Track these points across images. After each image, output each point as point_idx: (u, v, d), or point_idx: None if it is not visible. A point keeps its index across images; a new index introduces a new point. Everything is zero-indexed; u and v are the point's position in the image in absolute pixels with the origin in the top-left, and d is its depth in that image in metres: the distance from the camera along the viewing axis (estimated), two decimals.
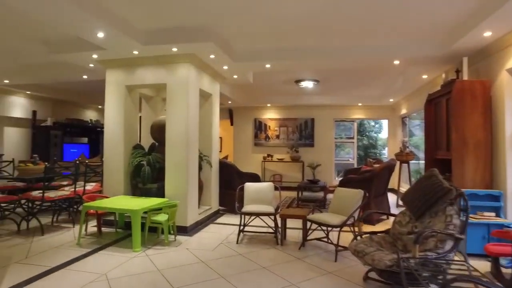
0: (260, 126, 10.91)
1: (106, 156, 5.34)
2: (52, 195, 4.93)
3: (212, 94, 6.02)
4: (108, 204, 4.31)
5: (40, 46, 5.12)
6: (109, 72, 5.38)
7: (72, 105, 10.49)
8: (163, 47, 4.63)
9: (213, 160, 6.00)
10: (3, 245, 4.29)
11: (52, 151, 9.17)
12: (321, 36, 4.80)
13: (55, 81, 7.36)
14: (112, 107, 5.33)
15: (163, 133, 5.14)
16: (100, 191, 5.72)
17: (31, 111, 9.06)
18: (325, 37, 4.84)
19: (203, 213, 5.56)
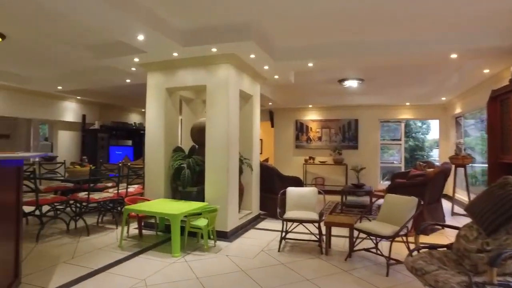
0: (301, 128, 10.61)
1: (147, 159, 5.37)
2: (97, 197, 5.03)
3: (252, 95, 5.87)
4: (148, 208, 4.29)
5: (87, 52, 5.28)
6: (150, 75, 5.41)
7: (117, 108, 10.88)
8: (203, 47, 4.55)
9: (254, 163, 5.83)
10: (54, 243, 4.43)
11: (99, 153, 9.53)
12: (368, 31, 4.46)
13: (102, 85, 7.62)
14: (153, 110, 5.35)
15: (203, 136, 5.06)
16: (141, 194, 5.78)
17: (81, 115, 9.50)
18: (372, 32, 4.49)
19: (244, 217, 5.41)
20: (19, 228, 3.10)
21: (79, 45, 5.08)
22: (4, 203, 2.65)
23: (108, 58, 5.10)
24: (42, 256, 3.94)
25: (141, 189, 5.92)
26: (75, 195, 5.11)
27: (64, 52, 5.45)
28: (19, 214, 3.11)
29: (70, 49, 5.28)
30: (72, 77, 7.01)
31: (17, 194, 3.07)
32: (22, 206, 4.72)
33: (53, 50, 5.36)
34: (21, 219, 3.19)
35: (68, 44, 5.06)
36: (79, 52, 5.38)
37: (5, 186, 2.63)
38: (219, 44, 4.42)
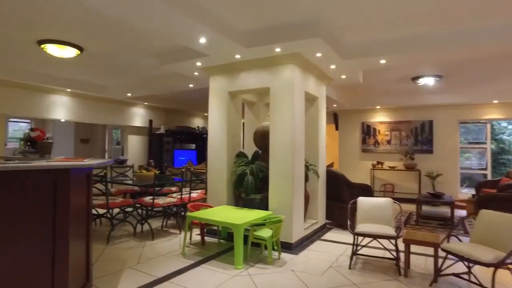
0: (368, 131, 9.92)
1: (210, 165, 5.29)
2: (161, 201, 5.06)
3: (318, 97, 5.50)
4: (211, 216, 4.16)
5: (152, 59, 5.39)
6: (212, 79, 5.34)
7: (182, 113, 11.21)
8: (266, 48, 4.32)
9: (320, 169, 5.46)
10: (122, 246, 4.52)
11: (164, 157, 9.86)
12: (449, 20, 3.86)
13: (167, 91, 7.83)
14: (216, 115, 5.26)
15: (266, 140, 4.84)
16: (204, 199, 5.73)
17: (148, 120, 9.93)
18: (456, 20, 3.88)
19: (309, 227, 5.06)
20: (89, 230, 3.14)
21: (146, 53, 5.20)
22: (76, 206, 2.68)
23: (172, 63, 5.13)
24: (111, 259, 4.02)
25: (204, 194, 5.89)
26: (141, 199, 5.21)
27: (133, 61, 5.65)
28: (89, 217, 3.15)
29: (138, 58, 5.45)
30: (140, 84, 7.30)
31: (87, 197, 3.11)
32: (93, 208, 4.97)
33: (123, 60, 5.58)
34: (91, 222, 3.24)
35: (136, 53, 5.21)
36: (146, 60, 5.52)
37: (76, 191, 2.66)
38: (284, 43, 4.15)
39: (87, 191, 3.13)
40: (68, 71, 6.46)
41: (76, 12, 3.73)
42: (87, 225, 3.13)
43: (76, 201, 2.72)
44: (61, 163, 2.37)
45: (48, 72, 6.57)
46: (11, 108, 6.86)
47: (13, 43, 4.79)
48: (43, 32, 4.39)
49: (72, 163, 2.44)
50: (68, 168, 2.40)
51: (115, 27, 4.17)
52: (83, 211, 3.03)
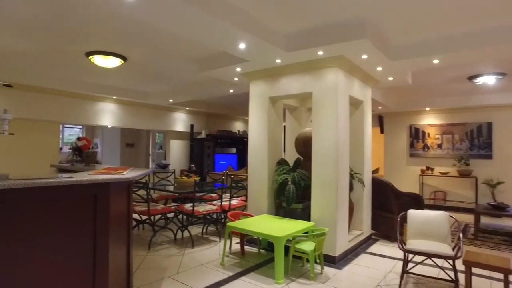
0: (416, 134, 9.31)
1: (250, 172, 5.17)
2: (201, 209, 5.03)
3: (363, 101, 5.19)
4: (250, 227, 4.03)
5: (193, 66, 5.39)
6: (253, 84, 5.23)
7: (222, 117, 11.26)
8: (308, 51, 4.12)
9: (366, 178, 5.14)
10: (162, 254, 4.54)
11: (205, 161, 9.94)
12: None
13: (207, 96, 7.87)
14: (256, 121, 5.14)
15: (309, 147, 4.63)
16: (244, 207, 5.63)
17: (189, 125, 10.07)
18: None
19: (354, 239, 4.77)
20: (129, 239, 3.14)
21: (186, 60, 5.22)
22: (116, 216, 2.68)
23: (212, 70, 5.10)
24: (151, 267, 4.02)
25: (244, 201, 5.79)
26: (181, 206, 5.22)
27: (173, 68, 5.71)
28: (129, 226, 3.15)
29: (178, 65, 5.48)
30: (181, 90, 7.39)
31: (127, 206, 3.11)
32: (136, 214, 5.06)
33: (164, 67, 5.65)
34: (131, 231, 3.24)
35: (176, 60, 5.25)
36: (186, 67, 5.54)
37: (116, 201, 2.67)
38: (327, 46, 3.93)
39: (127, 200, 3.13)
40: (114, 79, 6.69)
41: (120, 23, 3.79)
42: (127, 234, 3.14)
43: (116, 211, 2.71)
44: (100, 177, 2.36)
45: (96, 81, 6.84)
46: (64, 115, 7.24)
47: (65, 55, 5.01)
48: (90, 44, 4.54)
49: (111, 177, 2.42)
50: (107, 182, 2.39)
51: (156, 36, 4.21)
52: (124, 220, 3.03)
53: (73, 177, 2.24)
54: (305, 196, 4.65)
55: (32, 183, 2.01)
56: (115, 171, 2.92)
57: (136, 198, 4.90)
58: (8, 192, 1.98)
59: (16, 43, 4.49)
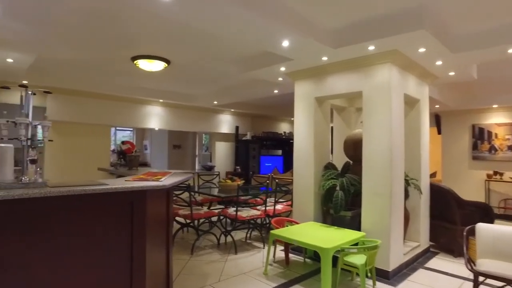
0: (481, 134, 8.41)
1: (296, 176, 4.93)
2: (245, 214, 4.88)
3: (419, 99, 4.71)
4: (295, 235, 3.79)
5: (236, 66, 5.27)
6: (298, 84, 4.97)
7: (268, 118, 11.10)
8: (357, 47, 3.79)
9: (423, 184, 4.66)
10: (205, 259, 4.45)
11: (250, 163, 9.83)
12: None
13: (252, 98, 7.73)
14: (301, 122, 4.88)
15: (359, 150, 4.28)
16: (290, 212, 5.39)
17: (235, 127, 10.03)
18: None
19: (410, 252, 4.32)
20: (169, 245, 3.08)
21: (229, 61, 5.11)
22: (154, 222, 2.62)
23: (255, 69, 4.93)
24: (192, 273, 3.94)
25: (289, 207, 5.55)
26: (225, 210, 5.11)
27: (217, 70, 5.64)
28: (169, 232, 3.09)
29: (222, 66, 5.40)
30: (225, 92, 7.34)
31: (167, 212, 3.05)
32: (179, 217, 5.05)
33: (207, 69, 5.60)
34: (171, 236, 3.17)
35: (219, 62, 5.16)
36: (229, 68, 5.44)
37: (154, 207, 2.62)
38: (378, 40, 3.57)
39: (167, 205, 3.06)
40: (160, 83, 6.80)
41: (162, 27, 3.77)
42: (166, 240, 3.08)
43: (154, 217, 2.65)
44: (135, 185, 2.28)
45: (142, 85, 7.02)
46: (114, 119, 7.52)
47: (112, 61, 5.15)
48: (135, 49, 4.61)
49: (147, 184, 2.33)
50: (143, 189, 2.31)
51: (198, 39, 4.14)
52: (163, 226, 2.96)
53: (109, 185, 2.18)
54: (355, 203, 4.30)
55: (67, 191, 1.96)
56: (154, 177, 2.85)
57: (180, 201, 4.88)
58: (44, 200, 1.95)
59: (67, 52, 4.67)
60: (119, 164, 3.87)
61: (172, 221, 3.25)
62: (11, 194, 1.80)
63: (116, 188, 2.15)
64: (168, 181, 2.57)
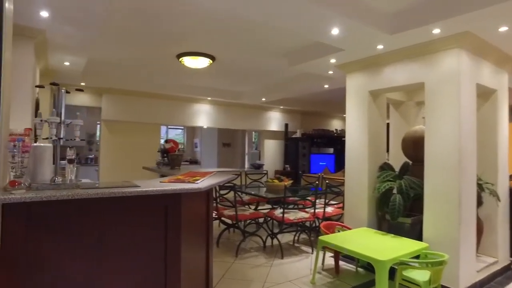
0: None
1: (348, 177, 4.53)
2: (292, 217, 4.59)
3: (496, 89, 4.05)
4: (346, 243, 3.43)
5: (283, 61, 5.00)
6: (349, 77, 4.56)
7: (318, 115, 10.65)
8: (418, 31, 3.31)
9: (500, 189, 4.00)
10: (250, 262, 4.26)
11: (300, 162, 9.49)
12: None
13: (301, 94, 7.40)
14: (354, 118, 4.47)
15: (420, 149, 3.79)
16: (341, 216, 5.01)
17: (284, 124, 9.75)
18: None
19: (484, 269, 3.72)
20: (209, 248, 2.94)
21: (276, 55, 4.86)
22: (192, 225, 2.48)
23: (303, 63, 4.61)
24: (236, 278, 3.76)
25: (341, 209, 5.15)
26: (271, 212, 4.87)
27: (264, 64, 5.41)
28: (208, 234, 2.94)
29: (268, 61, 5.16)
30: (273, 88, 7.10)
31: (206, 214, 2.90)
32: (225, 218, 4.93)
33: (254, 64, 5.40)
34: (211, 239, 3.02)
35: (265, 56, 4.93)
36: (276, 62, 5.18)
37: (191, 210, 2.49)
38: (445, 21, 3.06)
39: (206, 207, 2.91)
40: (207, 81, 6.75)
41: (206, 22, 3.65)
42: (206, 244, 2.93)
43: (191, 220, 2.50)
44: (169, 187, 2.13)
45: (190, 84, 7.03)
46: (164, 117, 7.66)
47: (158, 60, 5.17)
48: (179, 47, 4.55)
49: (181, 187, 2.17)
50: (177, 193, 2.15)
51: (242, 33, 3.96)
52: (201, 229, 2.81)
53: (140, 187, 2.05)
54: (415, 209, 3.82)
55: (94, 193, 1.86)
56: (192, 178, 2.69)
57: (225, 200, 4.74)
58: (73, 202, 1.87)
59: (114, 52, 4.76)
60: (162, 163, 3.82)
61: (212, 223, 3.09)
62: (39, 195, 1.73)
63: (146, 191, 2.01)
64: (205, 183, 2.39)
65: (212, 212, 3.05)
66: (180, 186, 2.21)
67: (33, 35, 3.60)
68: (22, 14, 3.22)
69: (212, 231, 3.07)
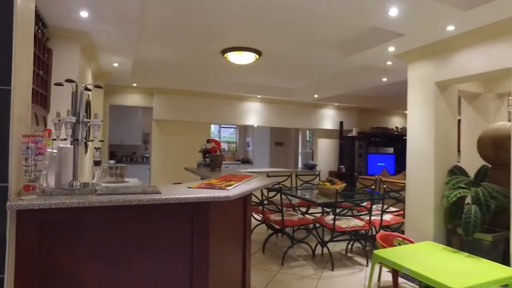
0: None
1: (409, 181, 3.97)
2: (344, 225, 4.13)
3: None
4: (406, 261, 2.91)
5: (335, 52, 4.57)
6: (412, 68, 3.98)
7: (376, 112, 9.87)
8: (503, 3, 2.68)
9: None
10: (296, 273, 3.91)
11: (357, 163, 8.85)
12: None
13: (357, 89, 6.82)
14: (417, 114, 3.89)
15: (502, 150, 3.15)
16: (400, 225, 4.42)
17: (339, 122, 9.17)
18: None
19: None
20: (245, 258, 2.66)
21: (327, 46, 4.44)
22: (224, 233, 2.25)
23: (358, 53, 4.13)
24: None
25: (401, 218, 4.56)
26: (321, 218, 4.46)
27: (314, 57, 5.00)
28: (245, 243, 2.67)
29: (319, 53, 4.75)
30: (326, 83, 6.63)
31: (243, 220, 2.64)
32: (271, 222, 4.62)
33: (303, 57, 5.02)
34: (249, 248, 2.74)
35: (316, 47, 4.53)
36: (328, 54, 4.75)
37: (223, 218, 2.26)
38: None
39: (243, 213, 2.63)
40: (256, 78, 6.52)
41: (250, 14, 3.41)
42: (243, 253, 2.65)
43: (223, 228, 2.25)
44: (194, 195, 1.87)
45: (239, 81, 6.85)
46: (213, 116, 7.58)
47: (204, 57, 5.04)
48: (224, 41, 4.37)
49: (207, 195, 1.91)
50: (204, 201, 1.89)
51: (290, 23, 3.64)
52: (237, 237, 2.54)
53: (161, 194, 1.82)
54: (498, 223, 3.17)
55: (108, 200, 1.66)
56: (227, 182, 2.43)
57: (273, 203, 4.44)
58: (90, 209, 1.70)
59: (159, 50, 4.70)
60: (203, 164, 3.65)
61: (250, 230, 2.80)
62: (48, 202, 1.59)
63: (166, 199, 1.77)
64: (236, 191, 2.10)
65: (249, 218, 2.77)
66: (206, 193, 1.94)
67: (78, 37, 3.62)
68: (64, 16, 3.23)
69: (249, 239, 2.79)
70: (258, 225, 5.22)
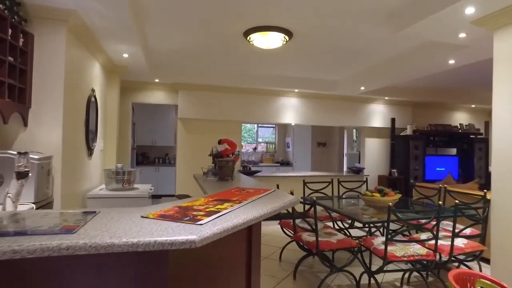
0: None
1: (496, 193, 2.86)
2: (399, 253, 3.10)
3: None
4: None
5: (385, 26, 3.54)
6: (499, 37, 2.86)
7: (435, 107, 8.47)
8: None
9: None
10: None
11: (412, 166, 7.59)
12: None
13: (412, 78, 5.62)
14: (507, 103, 2.77)
15: None
16: (479, 254, 3.29)
17: (390, 119, 7.96)
18: None
19: None
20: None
21: (374, 19, 3.44)
22: None
23: (416, 23, 3.08)
24: None
25: (479, 245, 3.40)
26: (369, 240, 3.45)
27: (359, 37, 4.01)
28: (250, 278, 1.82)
29: (365, 30, 3.76)
30: (374, 72, 5.55)
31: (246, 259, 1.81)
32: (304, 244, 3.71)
33: (345, 37, 4.04)
34: None
35: (360, 22, 3.55)
36: (377, 31, 3.74)
37: (207, 258, 1.43)
38: None
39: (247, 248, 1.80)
40: (290, 68, 5.65)
41: None
42: None
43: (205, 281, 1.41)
44: (124, 241, 1.05)
45: (271, 73, 6.03)
46: (244, 114, 6.82)
47: (224, 40, 4.25)
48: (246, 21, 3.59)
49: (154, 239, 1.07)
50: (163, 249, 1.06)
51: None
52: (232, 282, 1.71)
53: (72, 238, 1.03)
54: None
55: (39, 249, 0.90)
56: (219, 204, 1.59)
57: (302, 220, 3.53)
58: None
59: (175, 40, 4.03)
60: (211, 171, 2.84)
61: (258, 272, 1.95)
62: None
63: (80, 248, 0.98)
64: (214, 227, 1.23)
65: (256, 254, 1.92)
66: (159, 232, 1.12)
67: (62, 17, 3.00)
68: None
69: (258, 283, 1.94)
70: (291, 242, 4.34)
